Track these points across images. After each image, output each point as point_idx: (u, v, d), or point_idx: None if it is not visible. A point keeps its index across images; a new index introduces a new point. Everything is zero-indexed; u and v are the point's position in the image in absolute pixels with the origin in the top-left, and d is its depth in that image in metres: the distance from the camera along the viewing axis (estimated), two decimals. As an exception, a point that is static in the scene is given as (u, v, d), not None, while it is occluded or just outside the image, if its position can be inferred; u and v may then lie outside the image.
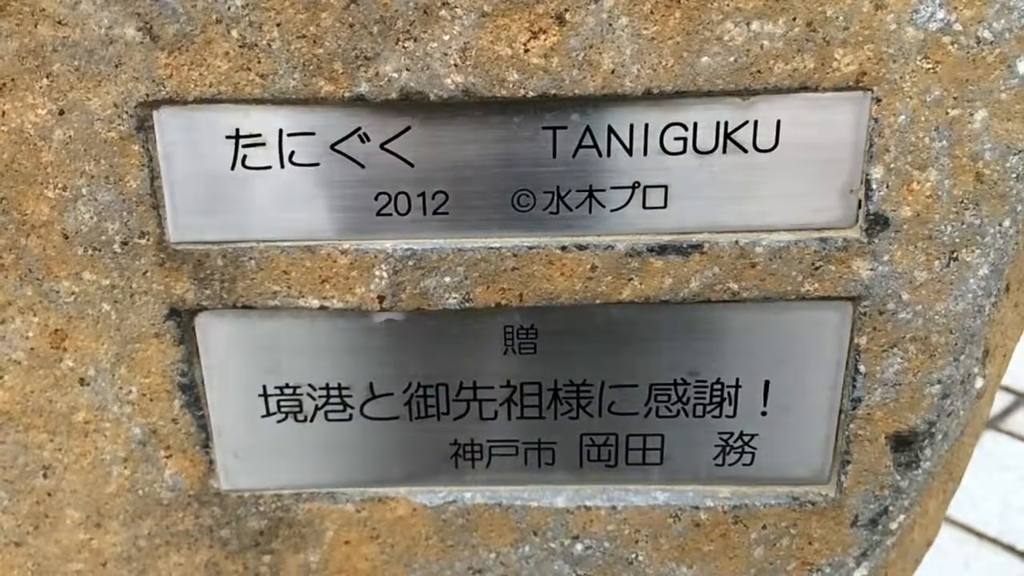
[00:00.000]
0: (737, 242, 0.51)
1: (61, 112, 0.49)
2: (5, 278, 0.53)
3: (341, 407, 0.57)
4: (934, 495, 0.62)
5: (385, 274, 0.52)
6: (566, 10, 0.46)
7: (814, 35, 0.47)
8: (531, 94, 0.47)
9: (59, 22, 0.46)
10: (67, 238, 0.52)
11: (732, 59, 0.47)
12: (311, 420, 0.57)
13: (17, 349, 0.55)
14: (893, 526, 0.59)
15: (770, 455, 0.57)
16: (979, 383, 0.57)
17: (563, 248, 0.51)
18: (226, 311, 0.53)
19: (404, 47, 0.46)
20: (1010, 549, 1.42)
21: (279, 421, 0.57)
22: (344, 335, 0.54)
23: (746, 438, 0.57)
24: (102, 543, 0.61)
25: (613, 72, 0.47)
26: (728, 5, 0.46)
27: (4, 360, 0.56)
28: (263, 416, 0.57)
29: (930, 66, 0.47)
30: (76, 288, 0.53)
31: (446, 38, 0.46)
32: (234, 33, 0.46)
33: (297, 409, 0.57)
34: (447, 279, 0.52)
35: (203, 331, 0.54)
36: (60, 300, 0.54)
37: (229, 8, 0.46)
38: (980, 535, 1.44)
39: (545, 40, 0.46)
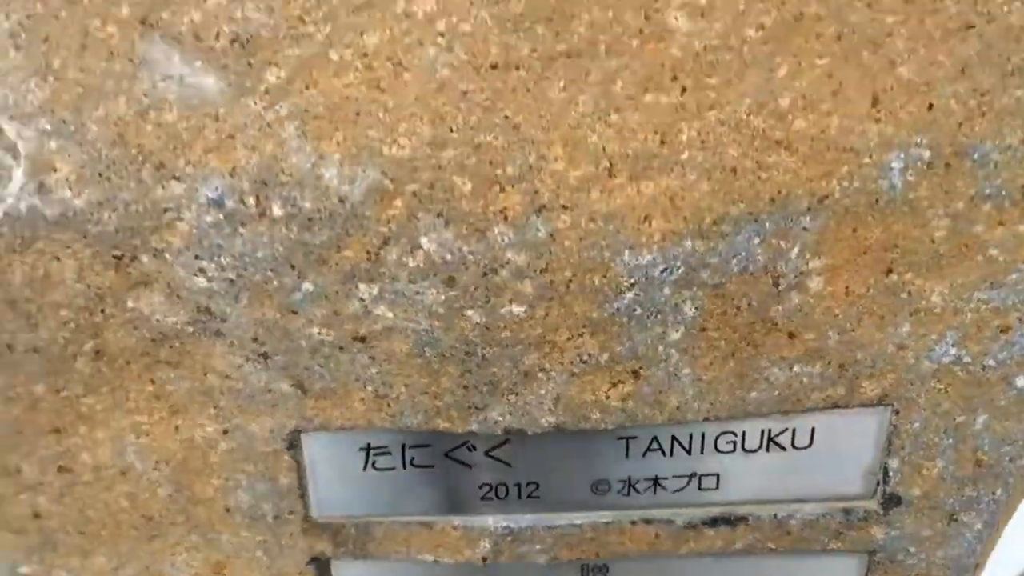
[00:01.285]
0: (775, 515, 0.62)
1: (225, 431, 0.59)
2: (176, 529, 0.65)
3: (448, 617, 0.69)
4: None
5: (487, 544, 0.63)
6: (640, 367, 0.56)
7: (845, 372, 0.56)
8: (610, 427, 0.58)
9: (226, 376, 0.57)
10: (228, 511, 0.63)
11: (776, 393, 0.57)
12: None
13: (184, 574, 0.68)
14: None
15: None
16: (971, 583, 0.69)
17: (632, 522, 0.63)
18: (357, 560, 0.66)
19: (508, 400, 0.56)
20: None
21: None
22: (453, 571, 0.66)
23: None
24: None
25: (678, 408, 0.57)
26: (775, 355, 0.56)
27: (173, 579, 0.69)
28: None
29: (942, 387, 0.57)
30: (235, 539, 0.65)
31: (542, 392, 0.56)
32: (369, 388, 0.56)
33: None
34: (537, 547, 0.63)
35: (338, 571, 0.67)
36: (221, 544, 0.66)
37: (366, 373, 0.56)
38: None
39: (623, 388, 0.56)
